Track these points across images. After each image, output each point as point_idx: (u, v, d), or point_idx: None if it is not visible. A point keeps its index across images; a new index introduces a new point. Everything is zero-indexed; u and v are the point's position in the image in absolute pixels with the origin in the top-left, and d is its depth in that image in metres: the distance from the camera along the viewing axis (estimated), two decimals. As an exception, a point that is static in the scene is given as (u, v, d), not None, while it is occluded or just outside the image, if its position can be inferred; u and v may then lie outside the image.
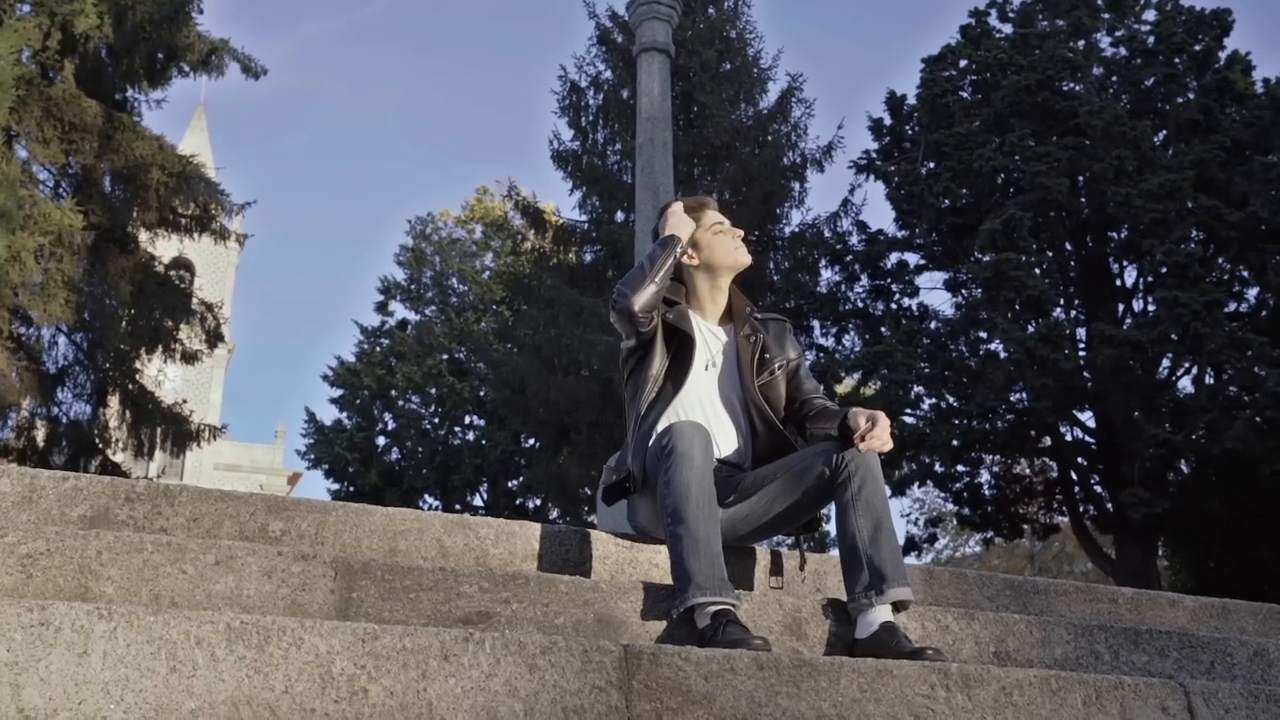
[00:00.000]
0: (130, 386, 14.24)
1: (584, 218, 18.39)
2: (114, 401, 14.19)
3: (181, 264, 30.51)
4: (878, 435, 2.85)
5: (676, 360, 3.10)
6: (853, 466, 2.81)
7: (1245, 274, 16.40)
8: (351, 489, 24.35)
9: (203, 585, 2.37)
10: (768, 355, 3.20)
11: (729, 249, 3.25)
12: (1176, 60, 17.32)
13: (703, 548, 2.63)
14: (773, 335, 3.26)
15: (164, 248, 15.50)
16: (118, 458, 14.43)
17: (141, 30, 13.57)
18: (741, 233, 3.32)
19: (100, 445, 13.98)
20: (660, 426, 2.99)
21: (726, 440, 3.13)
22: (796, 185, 18.32)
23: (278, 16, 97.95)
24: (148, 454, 14.37)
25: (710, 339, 3.22)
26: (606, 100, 18.24)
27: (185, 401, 15.37)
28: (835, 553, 2.97)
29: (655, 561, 3.20)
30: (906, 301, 18.44)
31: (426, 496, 24.72)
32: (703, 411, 3.11)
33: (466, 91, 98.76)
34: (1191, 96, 16.97)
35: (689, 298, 3.25)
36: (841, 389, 17.66)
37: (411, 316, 28.48)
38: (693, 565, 2.61)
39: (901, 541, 7.02)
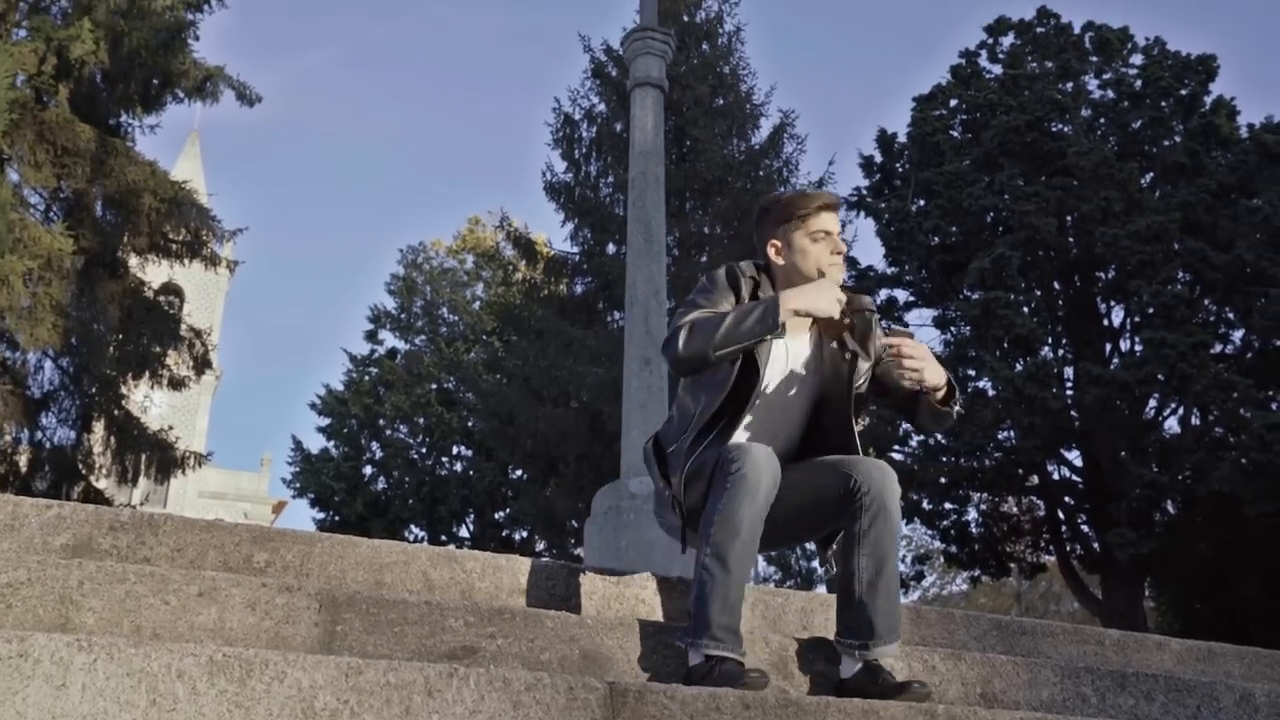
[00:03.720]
0: (116, 412, 14.15)
1: (575, 249, 18.44)
2: (99, 427, 14.09)
3: (171, 289, 30.39)
4: (909, 351, 2.66)
5: (749, 360, 2.77)
6: (867, 500, 2.62)
7: (1231, 316, 16.52)
8: (337, 518, 24.19)
9: (185, 617, 2.35)
10: (859, 359, 2.87)
11: (821, 262, 2.83)
12: (1163, 104, 17.53)
13: (731, 597, 2.55)
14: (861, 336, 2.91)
15: (154, 273, 15.47)
16: (101, 484, 14.32)
17: (137, 56, 13.62)
18: (844, 249, 2.91)
19: (84, 471, 13.87)
20: (719, 429, 2.77)
21: (784, 440, 2.88)
22: (788, 221, 18.39)
23: (274, 44, 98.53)
24: (132, 480, 14.26)
25: (790, 340, 2.85)
26: (599, 133, 18.34)
27: (171, 428, 15.27)
28: (822, 590, 2.95)
29: (642, 598, 3.18)
30: (896, 338, 18.49)
31: (413, 527, 24.57)
32: (768, 411, 2.85)
33: (459, 122, 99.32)
34: (1178, 139, 17.17)
35: (774, 289, 2.88)
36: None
37: (401, 346, 28.44)
38: (714, 612, 2.53)
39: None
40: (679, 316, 2.79)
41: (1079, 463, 16.98)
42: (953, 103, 19.01)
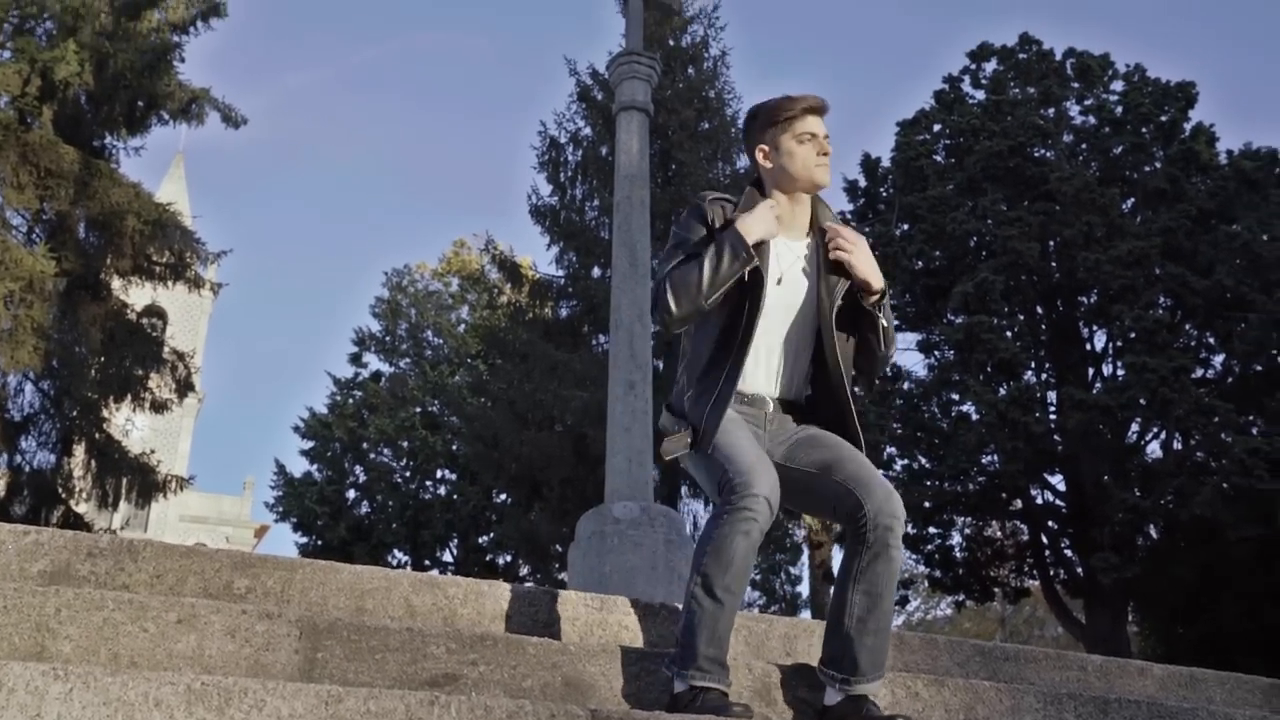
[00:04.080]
0: (97, 435, 14.05)
1: (561, 273, 18.47)
2: (79, 451, 13.98)
3: (154, 312, 30.29)
4: (844, 235, 2.74)
5: (749, 281, 2.73)
6: (870, 539, 2.57)
7: (1212, 341, 16.64)
8: (320, 542, 24.03)
9: (164, 644, 2.33)
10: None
11: (808, 163, 2.81)
12: (1144, 130, 17.71)
13: (719, 629, 2.53)
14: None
15: (137, 295, 15.40)
16: (81, 508, 14.19)
17: (122, 78, 13.61)
18: (830, 151, 2.85)
19: (63, 495, 13.75)
20: (736, 350, 2.72)
21: (790, 367, 2.85)
22: (773, 244, 18.48)
23: (260, 67, 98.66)
24: (112, 505, 14.12)
25: (783, 251, 2.83)
26: (585, 157, 18.41)
27: (153, 451, 15.16)
28: (806, 616, 2.94)
29: (625, 624, 3.17)
30: (879, 362, 18.56)
31: (396, 551, 24.43)
32: (778, 332, 2.81)
33: (445, 145, 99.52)
34: (1159, 165, 17.34)
35: (765, 197, 2.87)
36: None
37: (385, 368, 28.39)
38: (701, 644, 2.52)
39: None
40: (659, 267, 2.81)
41: (1062, 487, 17.03)
42: (936, 128, 19.16)
